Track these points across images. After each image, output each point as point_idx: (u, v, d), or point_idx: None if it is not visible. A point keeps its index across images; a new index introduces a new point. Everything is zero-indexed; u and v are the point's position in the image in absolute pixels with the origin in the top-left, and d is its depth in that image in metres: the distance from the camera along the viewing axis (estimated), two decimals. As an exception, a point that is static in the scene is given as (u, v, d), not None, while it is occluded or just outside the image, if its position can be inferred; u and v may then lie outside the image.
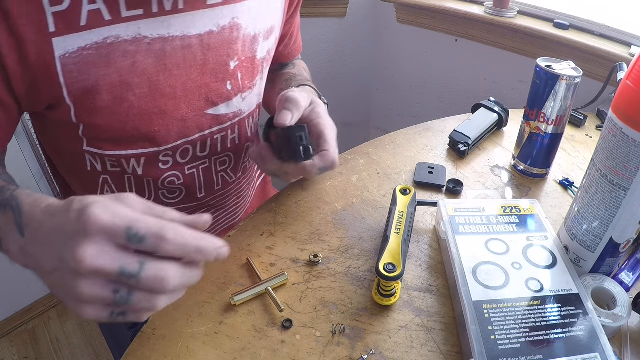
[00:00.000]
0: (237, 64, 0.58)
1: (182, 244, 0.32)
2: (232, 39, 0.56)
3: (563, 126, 0.64)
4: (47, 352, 1.43)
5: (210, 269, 0.53)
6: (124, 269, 0.31)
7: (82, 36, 0.44)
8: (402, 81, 1.57)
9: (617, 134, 0.42)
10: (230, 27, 0.55)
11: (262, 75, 0.65)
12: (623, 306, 0.45)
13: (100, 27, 0.45)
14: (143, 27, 0.47)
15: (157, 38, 0.49)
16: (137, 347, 0.45)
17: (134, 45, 0.47)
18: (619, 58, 0.94)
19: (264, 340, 0.45)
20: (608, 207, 0.45)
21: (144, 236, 0.32)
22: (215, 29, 0.53)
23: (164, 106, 0.53)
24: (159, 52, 0.49)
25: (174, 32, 0.50)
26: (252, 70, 0.61)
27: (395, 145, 0.75)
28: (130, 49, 0.47)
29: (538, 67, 0.61)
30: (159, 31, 0.49)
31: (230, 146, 0.64)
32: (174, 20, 0.49)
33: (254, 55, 0.61)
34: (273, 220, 0.60)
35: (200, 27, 0.52)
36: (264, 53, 0.63)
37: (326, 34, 1.51)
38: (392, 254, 0.48)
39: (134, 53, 0.48)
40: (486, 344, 0.40)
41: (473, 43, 1.30)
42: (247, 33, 0.58)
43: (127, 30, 0.46)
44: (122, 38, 0.46)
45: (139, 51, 0.48)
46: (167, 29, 0.49)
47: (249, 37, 0.59)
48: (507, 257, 0.48)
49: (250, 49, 0.60)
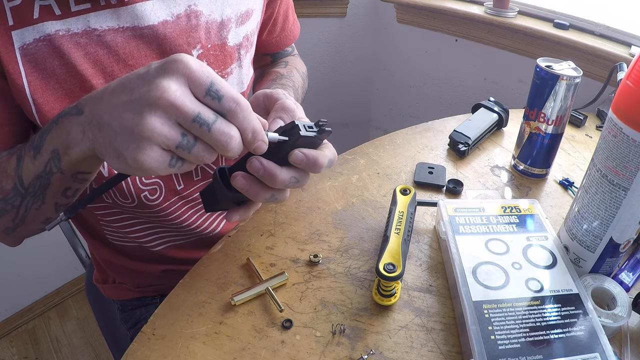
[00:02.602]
0: (201, 52, 0.57)
1: (248, 116, 0.35)
2: (191, 26, 0.55)
3: (563, 126, 0.64)
4: (47, 352, 1.43)
5: (210, 269, 0.53)
6: (201, 115, 0.33)
7: (35, 28, 0.47)
8: (402, 81, 1.57)
9: (617, 134, 0.42)
10: (187, 14, 0.55)
11: (239, 62, 0.63)
12: (623, 306, 0.45)
13: (52, 20, 0.47)
14: (92, 20, 0.49)
15: (107, 30, 0.50)
16: (137, 347, 0.45)
17: (84, 37, 0.49)
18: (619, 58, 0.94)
19: (264, 340, 0.45)
20: (608, 207, 0.45)
21: (223, 95, 0.34)
22: (169, 18, 0.53)
23: None
24: (110, 42, 0.50)
25: (123, 23, 0.51)
26: (222, 58, 0.60)
27: (395, 145, 0.75)
28: (82, 41, 0.49)
29: (538, 67, 0.61)
30: (109, 23, 0.50)
31: None
32: (123, 11, 0.50)
33: (224, 42, 0.59)
34: (273, 220, 0.60)
35: (152, 17, 0.52)
36: (239, 39, 0.62)
37: (326, 34, 1.51)
38: (392, 254, 0.48)
39: (85, 45, 0.49)
40: (486, 344, 0.40)
41: (473, 43, 1.30)
42: (211, 19, 0.57)
43: (76, 23, 0.48)
44: (73, 31, 0.48)
45: (90, 43, 0.49)
46: (116, 21, 0.50)
47: (214, 24, 0.57)
48: (507, 257, 0.48)
49: (218, 35, 0.58)
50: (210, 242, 0.60)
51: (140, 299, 0.77)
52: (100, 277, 0.79)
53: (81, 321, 1.53)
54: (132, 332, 0.77)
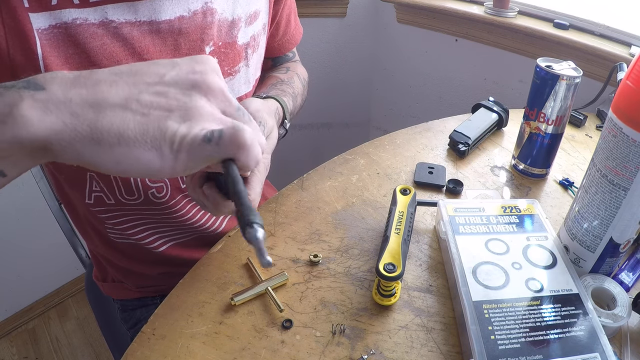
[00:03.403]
0: (213, 49, 0.57)
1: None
2: (206, 23, 0.55)
3: (563, 126, 0.64)
4: (47, 352, 1.43)
5: (210, 269, 0.53)
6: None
7: (52, 15, 0.46)
8: (402, 81, 1.57)
9: (617, 134, 0.42)
10: (203, 11, 0.55)
11: (247, 61, 0.63)
12: (623, 306, 0.45)
13: (70, 8, 0.47)
14: (110, 12, 0.49)
15: (124, 22, 0.50)
16: (137, 347, 0.45)
17: (100, 28, 0.49)
18: (619, 58, 0.94)
19: (264, 340, 0.45)
20: (608, 207, 0.45)
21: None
22: (186, 13, 0.53)
23: None
24: (126, 35, 0.50)
25: (141, 17, 0.50)
26: (232, 56, 0.60)
27: (395, 145, 0.75)
28: (98, 32, 0.49)
29: (538, 67, 0.61)
30: (126, 16, 0.50)
31: None
32: (142, 5, 0.50)
33: (234, 40, 0.60)
34: (273, 220, 0.60)
35: (170, 12, 0.52)
36: (247, 39, 0.62)
37: (326, 34, 1.51)
38: (392, 254, 0.48)
39: (101, 36, 0.49)
40: (486, 344, 0.40)
41: (473, 43, 1.30)
42: (223, 17, 0.57)
43: (94, 14, 0.48)
44: (90, 21, 0.48)
45: (106, 34, 0.49)
46: (134, 14, 0.50)
47: (225, 22, 0.58)
48: (507, 257, 0.48)
49: (229, 34, 0.59)
50: (212, 241, 0.60)
51: (140, 299, 0.77)
52: (100, 274, 0.79)
53: (81, 321, 1.53)
54: (132, 332, 0.77)
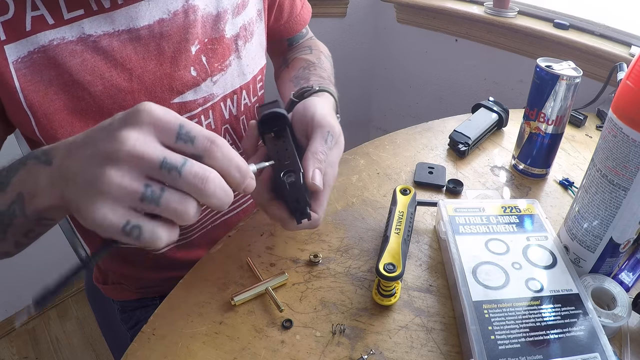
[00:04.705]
0: (199, 47, 0.56)
1: (228, 153, 0.32)
2: (189, 22, 0.54)
3: (563, 126, 0.64)
4: (47, 352, 1.43)
5: (210, 269, 0.53)
6: (167, 159, 0.30)
7: (29, 41, 0.46)
8: (402, 81, 1.57)
9: (617, 134, 0.42)
10: (184, 10, 0.54)
11: (238, 53, 0.62)
12: (623, 306, 0.45)
13: (45, 30, 0.46)
14: (86, 26, 0.48)
15: (102, 35, 0.49)
16: (137, 347, 0.45)
17: (79, 45, 0.48)
18: (619, 58, 0.95)
19: (264, 340, 0.45)
20: (608, 207, 0.45)
21: (195, 136, 0.31)
22: (166, 16, 0.52)
23: (122, 101, 0.52)
24: (106, 48, 0.50)
25: (119, 26, 0.50)
26: (220, 51, 0.59)
27: (395, 145, 0.75)
28: (77, 49, 0.48)
29: (538, 67, 0.61)
30: (103, 28, 0.49)
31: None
32: (117, 14, 0.49)
33: (221, 35, 0.58)
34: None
35: (148, 17, 0.51)
36: (236, 30, 0.60)
37: (326, 34, 1.51)
38: (392, 254, 0.48)
39: (80, 52, 0.48)
40: (486, 344, 0.40)
41: (473, 43, 1.30)
42: (207, 13, 0.56)
43: (70, 31, 0.48)
44: (67, 39, 0.47)
45: (85, 50, 0.49)
46: (111, 25, 0.49)
47: (210, 17, 0.57)
48: (507, 257, 0.48)
49: (215, 28, 0.57)
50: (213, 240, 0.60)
51: (140, 300, 0.77)
52: (100, 277, 0.79)
53: (81, 321, 1.53)
54: (132, 332, 0.77)
